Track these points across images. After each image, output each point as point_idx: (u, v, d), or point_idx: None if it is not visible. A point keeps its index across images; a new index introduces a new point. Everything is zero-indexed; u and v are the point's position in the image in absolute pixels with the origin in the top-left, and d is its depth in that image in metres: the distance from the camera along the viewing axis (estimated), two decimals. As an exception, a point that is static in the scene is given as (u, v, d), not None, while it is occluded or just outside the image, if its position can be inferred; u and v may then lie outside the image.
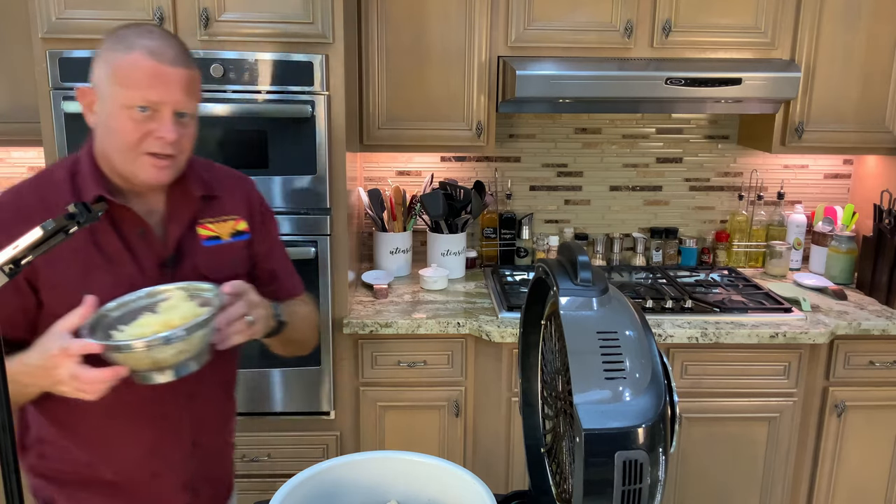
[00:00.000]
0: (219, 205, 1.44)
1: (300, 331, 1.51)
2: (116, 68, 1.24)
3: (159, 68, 1.24)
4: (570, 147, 2.96)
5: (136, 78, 1.23)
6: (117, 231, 1.31)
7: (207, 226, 1.42)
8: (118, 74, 1.24)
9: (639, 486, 0.79)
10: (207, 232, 1.41)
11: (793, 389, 2.44)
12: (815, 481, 2.56)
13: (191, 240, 1.39)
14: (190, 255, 1.38)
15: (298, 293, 1.59)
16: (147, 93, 1.23)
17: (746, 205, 2.99)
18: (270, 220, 1.56)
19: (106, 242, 1.30)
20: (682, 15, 2.52)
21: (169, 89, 1.25)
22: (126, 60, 1.24)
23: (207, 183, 1.43)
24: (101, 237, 1.30)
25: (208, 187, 1.42)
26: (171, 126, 1.26)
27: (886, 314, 2.49)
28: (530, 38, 2.53)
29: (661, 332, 2.34)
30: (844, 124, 2.63)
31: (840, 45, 2.56)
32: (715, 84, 2.41)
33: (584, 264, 0.90)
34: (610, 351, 0.83)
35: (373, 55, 2.51)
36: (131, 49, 1.24)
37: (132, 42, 1.25)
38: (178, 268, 1.36)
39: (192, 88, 1.30)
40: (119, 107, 1.24)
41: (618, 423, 0.79)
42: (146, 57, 1.23)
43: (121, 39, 1.26)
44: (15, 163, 2.80)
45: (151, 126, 1.25)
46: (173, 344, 1.12)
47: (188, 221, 1.39)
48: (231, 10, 2.18)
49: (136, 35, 1.26)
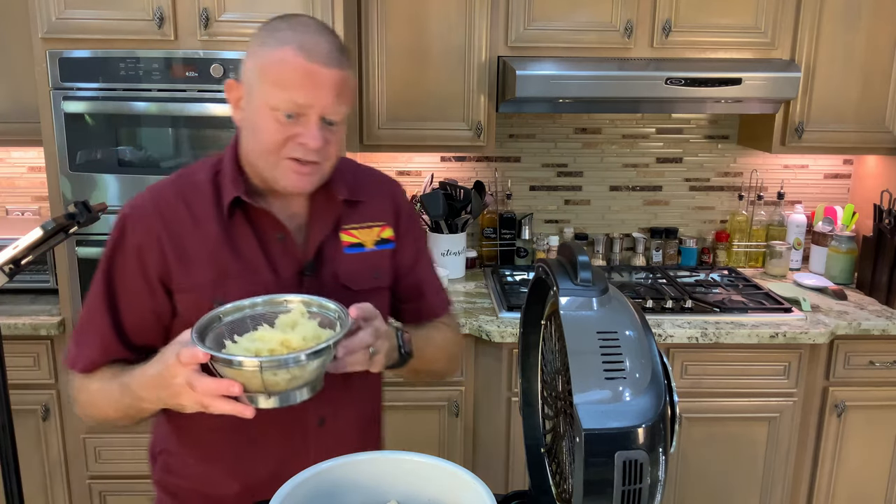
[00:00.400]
0: (364, 210, 1.33)
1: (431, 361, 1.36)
2: (265, 64, 1.15)
3: (310, 67, 1.12)
4: (570, 147, 2.96)
5: (284, 76, 1.13)
6: (256, 235, 1.24)
7: (351, 232, 1.31)
8: (266, 71, 1.14)
9: (639, 486, 0.79)
10: (350, 238, 1.31)
11: (793, 389, 2.44)
12: (815, 481, 2.56)
13: (332, 246, 1.29)
14: (330, 262, 1.28)
15: (442, 313, 1.44)
16: (295, 94, 1.13)
17: (746, 205, 2.99)
18: (417, 228, 1.42)
19: (243, 247, 1.23)
20: (682, 15, 2.52)
21: (318, 92, 1.14)
22: (275, 56, 1.14)
23: (352, 186, 1.32)
24: (238, 241, 1.23)
25: (353, 191, 1.31)
26: (316, 132, 1.15)
27: (886, 314, 2.49)
28: (530, 38, 2.53)
29: (661, 332, 2.34)
30: (844, 124, 2.63)
31: (840, 45, 2.56)
32: (715, 84, 2.41)
33: (584, 264, 0.90)
34: (610, 351, 0.83)
35: (373, 55, 2.51)
36: (283, 44, 1.14)
37: (284, 36, 1.15)
38: (316, 276, 1.27)
39: (344, 92, 1.17)
40: (264, 106, 1.15)
41: (618, 423, 0.79)
42: (296, 53, 1.12)
43: (272, 32, 1.17)
44: (15, 163, 2.80)
45: (297, 129, 1.15)
46: (289, 369, 1.00)
47: (331, 227, 1.29)
48: (231, 10, 2.18)
49: (288, 27, 1.16)
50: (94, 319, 1.24)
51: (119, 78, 2.19)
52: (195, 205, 1.23)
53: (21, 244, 1.03)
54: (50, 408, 2.41)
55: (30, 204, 2.84)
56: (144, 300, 1.22)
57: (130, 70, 2.19)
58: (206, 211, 1.23)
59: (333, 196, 1.27)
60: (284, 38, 1.14)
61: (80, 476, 2.48)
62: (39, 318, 2.34)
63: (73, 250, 2.29)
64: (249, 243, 1.23)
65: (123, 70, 2.19)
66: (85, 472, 2.48)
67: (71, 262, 2.30)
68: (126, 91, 2.20)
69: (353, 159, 1.41)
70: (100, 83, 2.19)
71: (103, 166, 2.25)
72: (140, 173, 2.26)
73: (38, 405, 2.41)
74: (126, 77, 2.19)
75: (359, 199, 1.32)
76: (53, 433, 2.44)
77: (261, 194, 1.25)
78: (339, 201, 1.28)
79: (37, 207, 2.84)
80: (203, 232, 1.22)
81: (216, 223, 1.22)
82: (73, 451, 2.47)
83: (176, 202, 1.23)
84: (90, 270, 2.29)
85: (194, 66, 2.19)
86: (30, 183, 2.82)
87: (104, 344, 1.23)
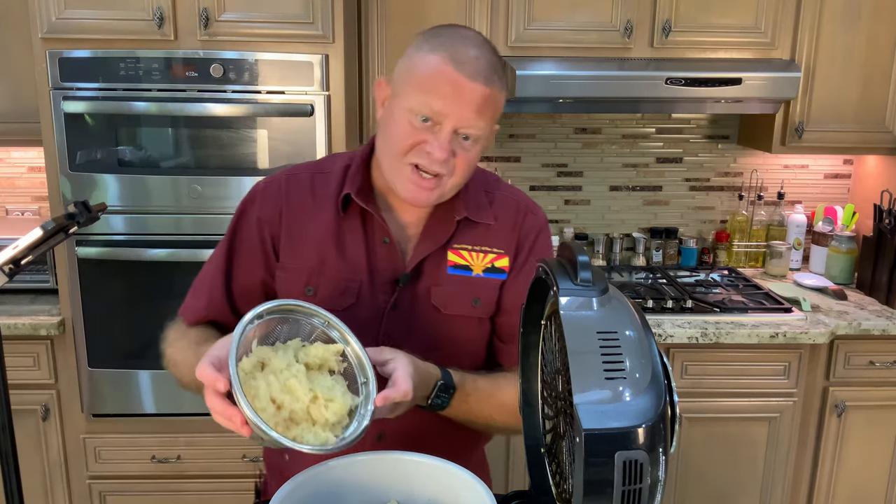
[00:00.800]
0: (484, 232, 1.26)
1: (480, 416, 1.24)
2: (413, 66, 1.14)
3: (454, 77, 1.10)
4: (570, 147, 2.96)
5: (428, 81, 1.11)
6: (364, 235, 1.24)
7: (461, 252, 1.25)
8: (413, 73, 1.14)
9: (639, 486, 0.79)
10: (458, 259, 1.25)
11: (793, 389, 2.44)
12: (815, 481, 2.56)
13: (436, 263, 1.24)
14: (429, 279, 1.24)
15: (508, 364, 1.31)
16: (433, 99, 1.11)
17: (746, 205, 2.99)
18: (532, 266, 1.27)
19: (348, 243, 1.23)
20: (682, 15, 2.52)
21: (457, 103, 1.11)
22: (425, 60, 1.13)
23: (480, 204, 1.26)
24: (345, 236, 1.24)
25: (478, 210, 1.26)
26: (445, 142, 1.12)
27: (886, 314, 2.49)
28: (530, 38, 2.53)
29: (661, 332, 2.34)
30: (844, 124, 2.63)
31: (840, 45, 2.56)
32: (715, 84, 2.41)
33: (584, 264, 0.90)
34: (610, 351, 0.83)
35: (373, 55, 2.51)
36: (435, 50, 1.12)
37: (440, 43, 1.13)
38: (410, 289, 1.24)
39: (485, 109, 1.13)
40: (403, 107, 1.14)
41: (618, 423, 0.79)
42: (445, 62, 1.11)
43: (431, 38, 1.15)
44: (15, 163, 2.80)
45: (427, 136, 1.13)
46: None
47: (440, 243, 1.24)
48: (231, 10, 2.18)
49: (447, 36, 1.15)
50: (209, 276, 1.29)
51: (119, 78, 2.19)
52: (319, 192, 1.25)
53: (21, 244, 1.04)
54: (50, 408, 2.41)
55: (30, 204, 2.84)
56: (257, 269, 1.26)
57: (130, 70, 2.19)
58: (327, 200, 1.25)
59: (451, 214, 1.24)
60: (439, 45, 1.13)
61: (80, 476, 2.48)
62: (39, 318, 2.34)
63: (73, 250, 2.29)
64: (355, 241, 1.24)
65: (123, 70, 2.19)
66: (85, 472, 2.48)
67: (71, 262, 2.30)
68: (126, 91, 2.20)
69: (498, 177, 1.36)
70: (100, 83, 2.19)
71: (103, 166, 2.25)
72: (140, 173, 2.26)
73: (38, 405, 2.41)
74: (126, 77, 2.19)
75: (481, 220, 1.26)
76: (53, 433, 2.44)
77: (380, 195, 1.25)
78: (454, 220, 1.24)
79: (37, 207, 2.84)
80: (318, 219, 1.25)
81: (332, 214, 1.24)
82: (73, 451, 2.47)
83: (305, 186, 1.26)
84: (90, 270, 2.31)
85: (194, 66, 2.19)
86: (30, 183, 2.82)
87: (211, 299, 1.27)
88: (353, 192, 1.22)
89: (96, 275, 2.31)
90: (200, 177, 2.26)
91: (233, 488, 2.48)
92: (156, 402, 2.40)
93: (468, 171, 1.18)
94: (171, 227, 2.29)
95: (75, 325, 2.34)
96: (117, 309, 2.34)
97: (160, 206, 2.28)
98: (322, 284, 1.22)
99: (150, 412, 2.42)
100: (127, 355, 2.37)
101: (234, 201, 2.26)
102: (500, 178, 1.37)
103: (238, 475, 2.48)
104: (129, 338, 2.36)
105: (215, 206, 2.28)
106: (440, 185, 1.16)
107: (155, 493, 2.49)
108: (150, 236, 2.30)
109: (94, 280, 2.31)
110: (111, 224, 2.29)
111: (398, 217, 1.25)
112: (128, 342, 2.36)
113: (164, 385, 2.39)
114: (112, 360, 2.37)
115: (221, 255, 1.28)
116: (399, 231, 1.25)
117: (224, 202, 2.27)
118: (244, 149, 2.25)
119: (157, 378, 2.38)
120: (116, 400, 2.40)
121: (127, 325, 2.35)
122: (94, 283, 2.31)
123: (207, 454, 2.46)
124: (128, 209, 2.28)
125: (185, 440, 2.45)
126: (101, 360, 2.36)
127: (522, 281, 1.25)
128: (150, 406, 2.41)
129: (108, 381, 2.38)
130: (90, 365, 2.36)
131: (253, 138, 2.25)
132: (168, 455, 2.46)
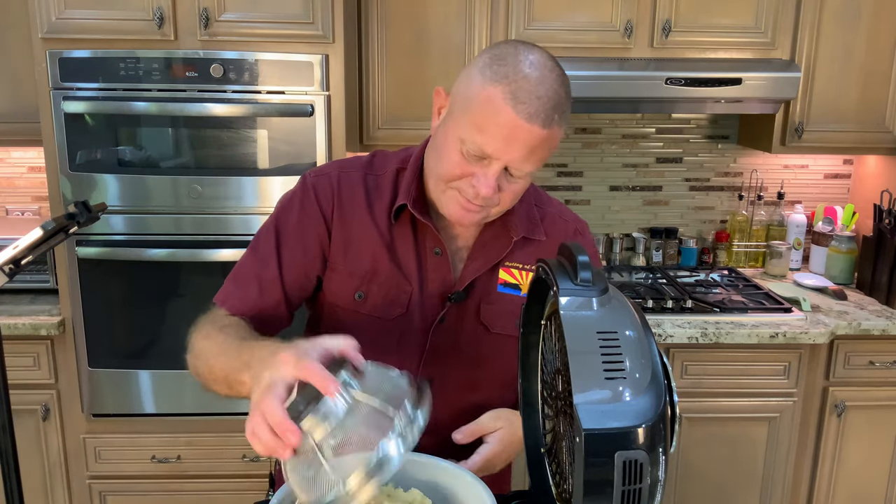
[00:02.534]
0: (534, 249, 1.24)
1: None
2: (472, 95, 1.07)
3: (513, 120, 1.04)
4: (570, 147, 2.95)
5: (484, 120, 1.05)
6: (416, 244, 1.22)
7: (511, 271, 1.23)
8: (470, 103, 1.07)
9: (639, 486, 0.79)
10: (508, 277, 1.23)
11: (793, 389, 2.44)
12: (815, 481, 2.56)
13: (487, 280, 1.23)
14: (477, 295, 1.22)
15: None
16: (486, 141, 1.06)
17: (746, 205, 2.99)
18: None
19: (400, 251, 1.21)
20: (682, 15, 2.52)
21: (511, 146, 1.06)
22: (485, 93, 1.05)
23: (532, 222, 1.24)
24: (398, 244, 1.21)
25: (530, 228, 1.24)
26: (492, 181, 1.09)
27: (886, 314, 2.49)
28: (530, 38, 2.52)
29: (661, 332, 2.34)
30: (844, 124, 2.63)
31: (840, 45, 2.56)
32: (715, 84, 2.41)
33: (584, 264, 0.90)
34: (610, 351, 0.83)
35: (373, 55, 2.51)
36: (496, 81, 1.05)
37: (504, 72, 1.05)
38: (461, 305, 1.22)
39: (539, 151, 1.08)
40: (456, 134, 1.09)
41: (618, 423, 0.79)
42: (506, 100, 1.04)
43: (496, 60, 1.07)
44: (15, 163, 2.80)
45: (475, 170, 1.09)
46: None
47: (496, 261, 1.22)
48: (231, 10, 2.18)
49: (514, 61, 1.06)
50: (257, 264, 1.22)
51: (119, 78, 2.19)
52: (373, 195, 1.22)
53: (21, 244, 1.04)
54: (50, 408, 2.41)
55: (30, 204, 2.84)
56: (308, 261, 1.22)
57: (130, 70, 2.19)
58: (381, 204, 1.22)
59: (508, 234, 1.22)
60: (503, 75, 1.05)
61: (80, 476, 2.48)
62: (39, 318, 2.34)
63: (73, 250, 2.29)
64: (407, 250, 1.22)
65: (123, 70, 2.19)
66: (85, 472, 2.48)
67: (71, 262, 2.30)
68: (126, 91, 2.20)
69: (541, 190, 1.33)
70: (100, 83, 2.19)
71: (103, 166, 2.25)
72: (140, 173, 2.26)
73: (38, 405, 2.41)
74: (126, 77, 2.19)
75: (534, 237, 1.23)
76: (53, 433, 2.44)
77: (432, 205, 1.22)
78: (511, 239, 1.21)
79: (37, 207, 2.84)
80: (372, 223, 1.22)
81: (386, 219, 1.22)
82: (73, 451, 2.47)
83: (358, 185, 1.23)
84: (90, 270, 2.31)
85: (194, 66, 2.19)
86: (30, 183, 2.82)
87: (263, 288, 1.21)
88: (409, 203, 1.20)
89: (96, 275, 2.31)
90: (200, 177, 2.26)
91: (233, 488, 2.48)
92: (156, 402, 2.40)
93: (514, 200, 1.15)
94: (171, 227, 2.30)
95: (75, 325, 2.34)
96: (117, 309, 2.34)
97: (160, 206, 2.28)
98: (373, 291, 1.20)
99: (150, 412, 2.42)
100: (127, 355, 2.37)
101: (234, 201, 2.27)
102: (547, 194, 1.34)
103: (238, 475, 2.48)
104: (129, 338, 2.36)
105: (215, 206, 2.28)
106: (486, 211, 1.14)
107: (155, 493, 2.49)
108: (150, 236, 2.30)
109: (94, 280, 2.31)
110: (111, 224, 2.29)
111: (450, 228, 1.23)
112: (128, 342, 2.36)
113: (165, 385, 2.39)
114: (112, 360, 2.37)
115: (270, 244, 1.22)
116: (450, 242, 1.23)
117: (224, 202, 2.27)
118: (244, 149, 2.25)
119: (158, 378, 2.38)
120: (116, 400, 2.40)
121: (127, 325, 2.35)
122: (94, 283, 2.31)
123: (207, 454, 2.46)
124: (128, 209, 2.28)
125: (185, 440, 2.45)
126: (101, 360, 2.36)
127: None
128: (151, 406, 2.41)
129: (108, 381, 2.38)
130: (90, 365, 2.36)
131: (253, 138, 2.25)
132: (168, 455, 2.46)
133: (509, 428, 1.18)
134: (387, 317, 1.21)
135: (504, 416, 1.20)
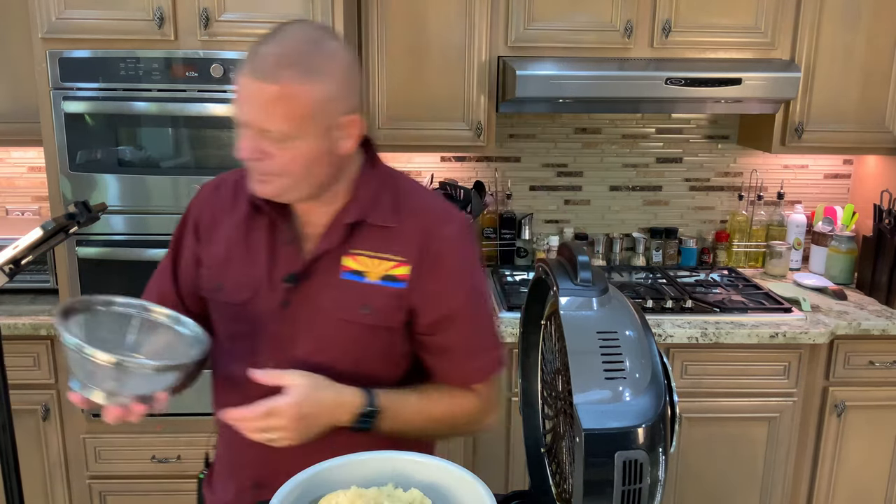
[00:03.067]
0: (387, 237, 1.22)
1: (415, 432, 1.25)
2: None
3: (244, 80, 1.12)
4: (570, 147, 2.96)
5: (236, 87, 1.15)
6: (270, 233, 1.26)
7: (357, 257, 1.22)
8: None
9: (639, 486, 0.79)
10: (354, 264, 1.22)
11: (793, 389, 2.44)
12: (815, 481, 2.56)
13: (330, 266, 1.22)
14: (320, 281, 1.22)
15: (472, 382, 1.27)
16: (235, 105, 1.15)
17: (746, 205, 2.99)
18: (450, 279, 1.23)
19: (254, 240, 1.27)
20: (681, 15, 2.52)
21: (246, 105, 1.13)
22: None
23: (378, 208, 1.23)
24: (253, 234, 1.27)
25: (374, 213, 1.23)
26: (245, 144, 1.15)
27: (886, 314, 2.49)
28: (530, 38, 2.53)
29: (661, 332, 2.34)
30: (844, 124, 2.63)
31: (840, 45, 2.56)
32: (715, 84, 2.41)
33: (584, 264, 0.90)
34: (610, 351, 0.83)
35: (373, 55, 2.51)
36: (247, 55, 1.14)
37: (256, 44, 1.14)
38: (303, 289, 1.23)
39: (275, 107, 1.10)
40: None
41: (618, 423, 0.79)
42: (244, 64, 1.13)
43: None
44: (15, 163, 2.80)
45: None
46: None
47: (334, 246, 1.22)
48: (231, 10, 2.18)
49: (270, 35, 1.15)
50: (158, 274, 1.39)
51: (119, 78, 2.19)
52: (241, 191, 1.28)
53: (21, 244, 1.04)
54: (50, 408, 2.41)
55: (30, 204, 2.84)
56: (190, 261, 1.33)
57: (130, 70, 2.19)
58: (244, 199, 1.28)
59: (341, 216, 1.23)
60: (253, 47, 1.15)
61: (80, 476, 2.48)
62: (39, 318, 2.34)
63: (73, 250, 2.29)
64: (260, 238, 1.27)
65: (123, 70, 2.19)
66: (85, 472, 2.48)
67: (71, 262, 2.30)
68: (126, 91, 2.20)
69: (422, 185, 1.34)
70: (100, 83, 2.19)
71: (103, 166, 2.25)
72: (140, 173, 2.26)
73: (38, 405, 2.41)
74: (126, 77, 2.19)
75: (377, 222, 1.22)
76: (53, 433, 2.44)
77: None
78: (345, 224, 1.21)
79: (37, 207, 2.84)
80: (232, 216, 1.30)
81: (245, 212, 1.28)
82: (73, 451, 2.47)
83: (229, 186, 1.32)
84: (90, 270, 2.30)
85: (194, 66, 2.19)
86: (30, 183, 2.82)
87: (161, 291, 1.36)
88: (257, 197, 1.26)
89: (96, 275, 2.31)
90: (200, 177, 2.25)
91: (233, 488, 2.48)
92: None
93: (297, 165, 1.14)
94: (171, 227, 2.24)
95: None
96: (117, 309, 2.34)
97: (160, 206, 2.28)
98: (228, 280, 1.27)
99: (150, 412, 2.41)
100: (127, 355, 2.37)
101: (234, 201, 2.27)
102: (423, 187, 1.34)
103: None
104: (129, 338, 2.36)
105: (215, 206, 2.27)
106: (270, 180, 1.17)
107: (155, 493, 2.49)
108: (150, 236, 2.30)
109: (94, 280, 2.31)
110: (111, 224, 2.29)
111: (303, 219, 1.26)
112: (128, 342, 2.36)
113: (164, 385, 2.39)
114: (112, 360, 2.36)
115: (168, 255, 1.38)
116: (302, 233, 1.26)
117: (224, 202, 2.27)
118: (244, 149, 2.25)
119: (157, 378, 2.38)
120: (116, 400, 2.40)
121: (127, 325, 2.35)
122: (94, 283, 2.31)
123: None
124: (128, 209, 2.28)
125: (185, 440, 2.45)
126: (101, 360, 2.36)
127: (433, 292, 1.21)
128: (150, 406, 2.41)
129: (108, 381, 2.38)
130: (90, 365, 2.36)
131: (253, 138, 2.25)
132: (168, 455, 2.46)
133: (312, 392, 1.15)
134: (236, 301, 1.27)
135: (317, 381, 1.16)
